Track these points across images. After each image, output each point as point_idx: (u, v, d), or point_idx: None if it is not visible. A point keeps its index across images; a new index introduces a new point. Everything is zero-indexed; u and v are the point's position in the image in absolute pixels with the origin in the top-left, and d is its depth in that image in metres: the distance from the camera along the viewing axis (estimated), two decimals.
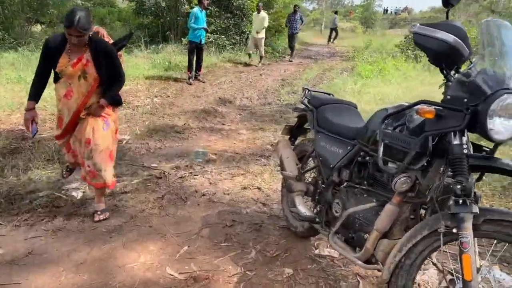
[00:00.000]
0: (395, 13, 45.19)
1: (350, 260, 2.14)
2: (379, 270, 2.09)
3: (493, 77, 1.66)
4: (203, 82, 9.38)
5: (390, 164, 2.00)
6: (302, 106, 2.97)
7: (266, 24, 11.96)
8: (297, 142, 3.23)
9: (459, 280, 1.75)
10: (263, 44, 12.26)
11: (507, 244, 1.71)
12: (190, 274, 2.55)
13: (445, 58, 1.73)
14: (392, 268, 1.84)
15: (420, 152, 1.82)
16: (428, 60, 1.80)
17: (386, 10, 45.33)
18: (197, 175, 4.19)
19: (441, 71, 1.82)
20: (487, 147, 1.83)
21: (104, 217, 3.21)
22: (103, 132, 3.10)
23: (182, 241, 2.94)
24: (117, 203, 3.48)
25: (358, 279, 2.52)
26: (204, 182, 4.03)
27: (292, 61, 13.86)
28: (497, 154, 1.78)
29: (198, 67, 9.47)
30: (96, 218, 3.19)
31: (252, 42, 12.14)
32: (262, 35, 11.99)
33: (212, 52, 12.57)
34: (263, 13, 11.97)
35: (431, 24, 1.71)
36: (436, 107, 1.74)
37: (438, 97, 1.87)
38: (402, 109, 1.94)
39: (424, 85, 8.72)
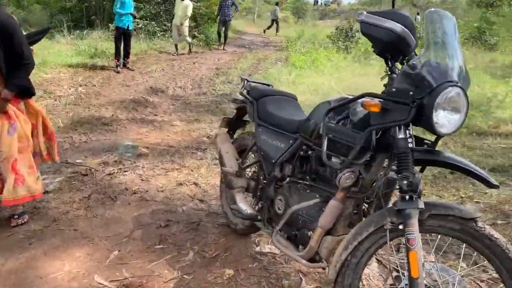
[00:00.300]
0: (325, 4, 46.34)
1: (294, 259, 2.04)
2: (323, 268, 2.03)
3: (437, 68, 1.62)
4: (132, 70, 8.93)
5: (334, 159, 1.92)
6: (241, 98, 2.82)
7: (189, 13, 11.10)
8: (236, 135, 3.09)
9: (405, 276, 1.72)
10: (187, 32, 11.53)
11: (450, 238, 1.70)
12: (121, 281, 2.33)
13: (392, 48, 1.66)
14: (338, 267, 1.77)
15: (364, 146, 1.76)
16: (374, 51, 1.73)
17: (316, 1, 46.33)
18: (127, 171, 3.92)
19: (386, 62, 1.75)
20: (429, 140, 1.80)
21: (22, 222, 2.88)
22: (7, 137, 2.65)
23: (111, 245, 2.70)
24: (37, 205, 3.14)
25: (301, 276, 2.44)
26: (135, 179, 3.77)
27: (225, 50, 13.42)
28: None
29: (126, 54, 8.98)
30: (13, 223, 2.85)
31: (176, 31, 11.32)
32: (185, 23, 11.20)
33: (142, 38, 12.02)
34: (187, 1, 11.03)
35: (378, 13, 1.63)
36: (381, 100, 1.68)
37: (371, 88, 1.82)
38: (346, 102, 1.86)
39: (355, 76, 8.94)
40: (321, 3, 47.24)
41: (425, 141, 1.80)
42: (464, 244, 1.67)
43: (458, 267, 2.32)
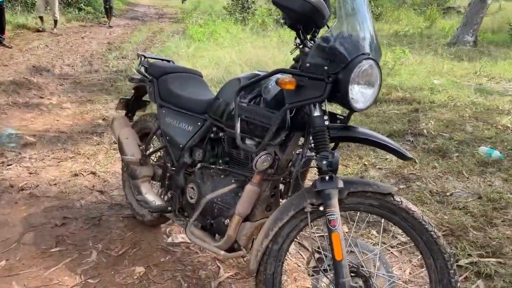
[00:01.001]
0: None
1: (211, 251, 1.90)
2: (243, 257, 1.92)
3: (350, 40, 1.53)
4: (10, 48, 7.90)
5: (248, 141, 1.79)
6: (139, 76, 2.54)
7: None
8: (136, 117, 2.81)
9: (327, 257, 1.68)
10: (57, 3, 9.77)
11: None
12: None
13: (306, 19, 1.53)
14: (260, 256, 1.66)
15: (280, 126, 1.64)
16: (285, 23, 1.59)
17: None
18: (11, 164, 3.43)
19: (297, 35, 1.63)
20: (341, 115, 1.75)
21: None
22: None
23: None
24: None
25: (218, 264, 2.32)
26: (22, 173, 3.31)
27: (111, 27, 11.63)
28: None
29: (1, 30, 7.90)
30: None
31: (42, 1, 9.52)
32: None
33: (18, 11, 10.67)
34: None
35: None
36: (297, 76, 1.56)
37: (272, 60, 1.71)
38: (258, 79, 1.72)
39: (256, 48, 8.86)
40: None
41: (338, 116, 1.74)
42: (383, 219, 1.66)
43: (378, 242, 2.37)
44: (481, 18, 10.71)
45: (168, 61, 2.67)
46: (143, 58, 2.55)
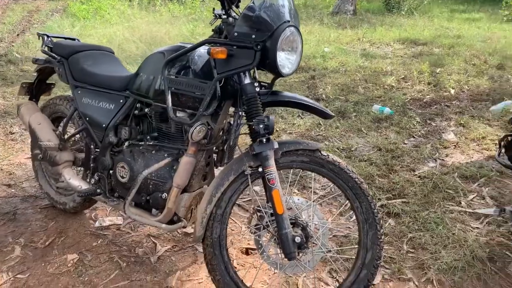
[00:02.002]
0: None
1: (152, 225, 1.91)
2: (184, 227, 1.96)
3: (272, 9, 1.62)
4: None
5: (179, 114, 1.81)
6: (44, 57, 2.38)
7: None
8: (41, 102, 2.63)
9: (266, 213, 1.80)
10: None
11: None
12: None
13: None
14: (205, 222, 1.73)
15: (212, 96, 1.70)
16: None
17: None
18: None
19: (222, 5, 1.68)
20: (265, 82, 1.86)
21: None
22: None
23: None
24: None
25: (153, 240, 2.33)
26: None
27: None
28: None
29: None
30: None
31: None
32: None
33: None
34: None
35: None
36: (227, 45, 1.62)
37: (168, 36, 1.75)
38: (186, 50, 1.74)
39: (148, 24, 8.58)
40: None
41: (262, 83, 1.84)
42: (313, 174, 1.83)
43: (309, 197, 2.57)
44: None
45: (73, 39, 2.54)
46: (46, 38, 2.39)
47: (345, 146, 3.42)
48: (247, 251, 2.24)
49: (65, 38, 2.50)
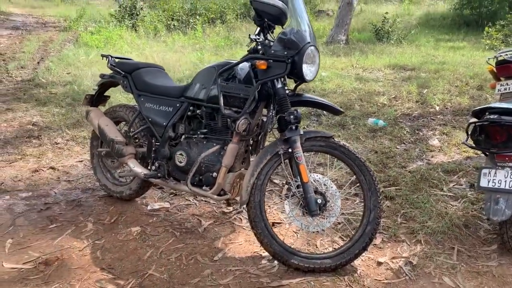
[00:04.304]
0: None
1: (207, 196, 2.48)
2: (227, 199, 2.53)
3: (299, 33, 2.27)
4: None
5: (227, 111, 2.42)
6: (109, 73, 3.00)
7: None
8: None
9: (293, 186, 2.37)
10: None
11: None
12: (35, 261, 2.37)
13: (275, 19, 2.24)
14: (249, 189, 2.31)
15: (253, 97, 2.32)
16: (255, 22, 2.28)
17: None
18: None
19: (262, 31, 2.33)
20: (290, 89, 2.48)
21: None
22: None
23: (0, 235, 2.61)
24: None
25: (198, 218, 2.89)
26: None
27: None
28: None
29: None
30: None
31: None
32: None
33: None
34: None
35: None
36: (267, 59, 2.25)
37: (179, 62, 2.38)
38: (234, 64, 2.37)
39: (157, 52, 9.29)
40: None
41: (287, 88, 2.46)
42: (328, 156, 2.43)
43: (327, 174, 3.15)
44: (350, 19, 12.42)
45: (129, 59, 3.16)
46: (110, 58, 3.01)
47: None
48: (273, 224, 2.80)
49: (124, 58, 3.11)
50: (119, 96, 5.63)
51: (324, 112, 5.24)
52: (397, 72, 8.05)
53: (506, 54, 3.50)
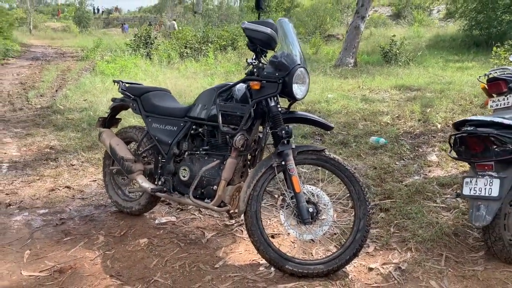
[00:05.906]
0: (108, 13, 45.48)
1: (208, 208, 2.66)
2: (228, 211, 2.72)
3: (289, 56, 2.49)
4: None
5: (225, 128, 2.62)
6: (120, 97, 3.26)
7: None
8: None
9: (287, 196, 2.55)
10: None
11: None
12: (51, 269, 2.57)
13: (265, 44, 2.47)
14: (246, 200, 2.50)
15: (249, 115, 2.53)
16: (248, 47, 2.51)
17: (97, 10, 45.10)
18: None
19: (256, 55, 2.55)
20: (283, 107, 2.68)
21: None
22: None
23: (19, 247, 2.83)
24: None
25: (201, 230, 3.08)
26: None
27: None
28: None
29: None
30: None
31: None
32: None
33: None
34: None
35: (255, 22, 2.42)
36: (260, 80, 2.47)
37: (190, 88, 2.59)
38: (232, 85, 2.60)
39: (170, 79, 9.65)
40: (102, 11, 46.22)
41: (280, 107, 2.67)
42: (320, 168, 2.61)
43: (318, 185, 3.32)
44: (358, 43, 12.72)
45: (138, 83, 3.42)
46: (121, 83, 3.28)
47: None
48: (272, 236, 2.96)
49: (134, 83, 3.37)
50: (132, 119, 5.90)
51: (328, 132, 5.43)
52: (403, 93, 8.21)
53: (496, 72, 3.68)
